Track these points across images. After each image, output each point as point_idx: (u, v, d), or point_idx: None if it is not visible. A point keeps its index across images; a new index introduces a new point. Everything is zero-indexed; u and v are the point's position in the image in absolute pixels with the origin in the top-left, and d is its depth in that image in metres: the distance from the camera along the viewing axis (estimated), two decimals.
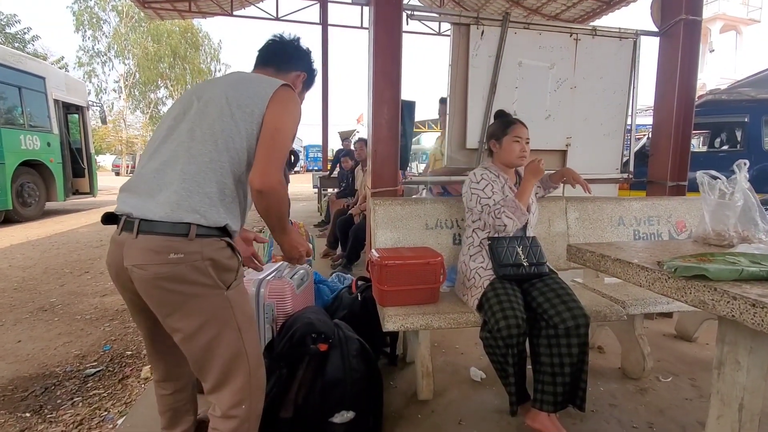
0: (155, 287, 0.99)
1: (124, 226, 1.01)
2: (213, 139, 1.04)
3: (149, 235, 0.98)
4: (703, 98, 5.07)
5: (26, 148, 7.16)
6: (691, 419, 1.68)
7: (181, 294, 0.99)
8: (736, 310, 0.88)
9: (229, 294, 1.05)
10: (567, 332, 1.47)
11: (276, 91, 1.09)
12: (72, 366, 2.18)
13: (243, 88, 1.10)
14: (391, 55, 2.30)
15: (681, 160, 2.81)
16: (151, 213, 0.98)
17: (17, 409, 1.80)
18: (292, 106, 1.11)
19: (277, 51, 1.26)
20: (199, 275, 1.00)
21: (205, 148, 1.03)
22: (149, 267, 0.97)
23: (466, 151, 2.63)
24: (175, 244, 0.97)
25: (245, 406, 1.08)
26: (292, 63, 1.26)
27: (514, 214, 1.67)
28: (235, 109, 1.06)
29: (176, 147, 1.05)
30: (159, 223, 0.98)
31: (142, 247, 0.98)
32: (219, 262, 1.02)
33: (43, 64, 8.37)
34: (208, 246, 1.00)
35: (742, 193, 1.40)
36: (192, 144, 1.04)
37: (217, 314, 1.03)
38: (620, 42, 2.75)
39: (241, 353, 1.07)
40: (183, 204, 0.99)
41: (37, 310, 2.95)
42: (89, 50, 26.33)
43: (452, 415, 1.70)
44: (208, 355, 1.05)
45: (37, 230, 6.33)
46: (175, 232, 0.98)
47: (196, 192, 1.00)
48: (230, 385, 1.07)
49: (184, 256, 0.97)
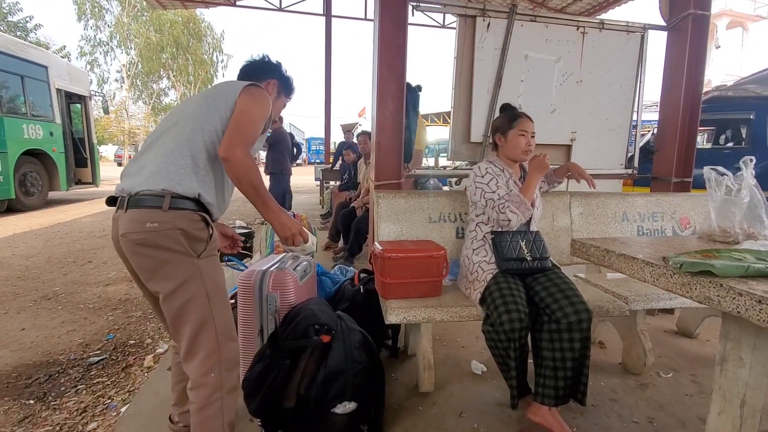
0: (134, 253, 1.13)
1: (119, 204, 1.17)
2: (190, 123, 1.22)
3: (134, 208, 1.13)
4: (708, 94, 5.04)
5: (29, 137, 7.16)
6: (692, 415, 1.69)
7: (156, 259, 1.13)
8: (741, 307, 0.88)
9: (200, 263, 1.17)
10: (569, 327, 1.47)
11: (246, 86, 1.28)
12: (75, 354, 2.20)
13: (219, 87, 1.32)
14: (396, 46, 2.28)
15: (686, 156, 2.80)
16: (137, 186, 1.14)
17: (21, 396, 1.81)
18: (259, 96, 1.28)
19: (250, 68, 1.47)
20: (171, 242, 1.12)
21: (182, 130, 1.21)
22: (130, 235, 1.12)
23: (470, 144, 2.62)
24: (151, 215, 1.11)
25: (214, 374, 1.17)
26: (262, 74, 1.45)
27: (518, 209, 1.66)
28: (211, 100, 1.25)
29: (161, 134, 1.24)
30: (142, 197, 1.12)
31: (128, 218, 1.13)
32: (189, 232, 1.14)
33: (46, 53, 8.33)
34: (181, 217, 1.13)
35: (748, 190, 1.39)
36: (172, 129, 1.22)
37: (187, 279, 1.15)
38: (628, 36, 2.72)
39: (208, 320, 1.17)
40: (161, 173, 1.14)
41: (40, 299, 2.97)
42: (91, 39, 26.20)
43: (453, 408, 1.71)
44: (179, 319, 1.16)
45: (40, 219, 6.35)
46: (152, 204, 1.11)
47: (172, 163, 1.16)
48: (199, 352, 1.17)
49: (158, 225, 1.11)
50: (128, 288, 3.26)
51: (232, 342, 1.22)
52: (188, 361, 1.18)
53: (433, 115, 18.37)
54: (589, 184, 1.88)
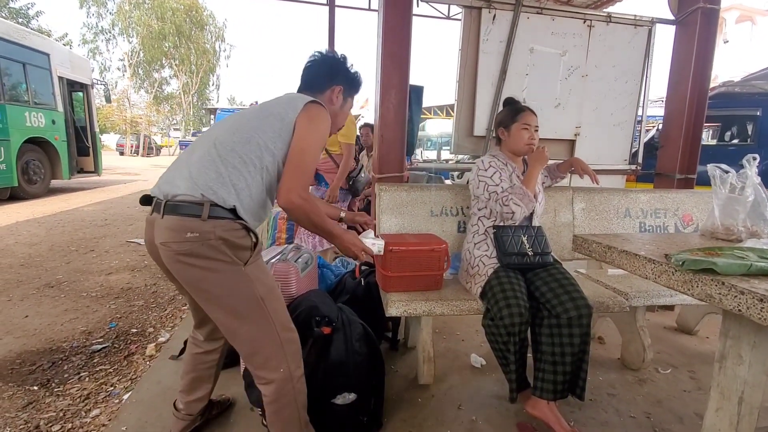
0: (177, 262, 1.10)
1: (155, 207, 1.15)
2: (239, 133, 1.17)
3: (171, 215, 1.09)
4: (715, 90, 4.98)
5: (31, 125, 7.15)
6: (689, 411, 1.70)
7: (200, 268, 1.10)
8: (743, 305, 0.88)
9: (248, 269, 1.13)
10: (569, 322, 1.48)
11: (306, 104, 1.21)
12: (78, 342, 2.22)
13: (279, 100, 1.26)
14: (400, 38, 2.26)
15: (691, 152, 2.78)
16: (175, 190, 1.11)
17: (25, 382, 1.84)
18: (318, 121, 1.21)
19: (310, 76, 1.37)
20: (215, 252, 1.09)
21: (230, 138, 1.17)
22: (171, 244, 1.09)
23: (473, 138, 2.61)
24: (191, 224, 1.08)
25: (283, 369, 1.17)
26: (325, 82, 1.36)
27: (521, 201, 1.66)
28: (267, 113, 1.20)
29: (208, 139, 1.20)
30: (179, 203, 1.09)
31: (166, 226, 1.10)
32: (231, 241, 1.10)
33: (48, 41, 8.28)
34: (221, 227, 1.09)
35: (753, 188, 1.38)
36: (221, 136, 1.18)
37: (237, 288, 1.12)
38: (635, 30, 2.69)
39: (267, 322, 1.15)
40: (200, 180, 1.11)
41: (43, 287, 2.99)
42: (93, 27, 26.05)
43: (452, 400, 1.72)
44: (233, 327, 1.15)
45: (43, 208, 6.37)
46: (191, 213, 1.08)
47: (213, 171, 1.12)
48: (262, 354, 1.16)
49: (199, 235, 1.07)
50: (130, 277, 3.28)
51: (291, 333, 1.21)
52: (252, 362, 1.18)
53: (436, 108, 18.24)
54: (593, 180, 1.87)
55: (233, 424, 1.54)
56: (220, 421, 1.54)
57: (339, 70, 1.37)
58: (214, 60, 30.88)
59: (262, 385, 1.19)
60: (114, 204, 7.05)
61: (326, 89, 1.35)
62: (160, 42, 26.88)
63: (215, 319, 1.17)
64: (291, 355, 1.19)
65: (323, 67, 1.37)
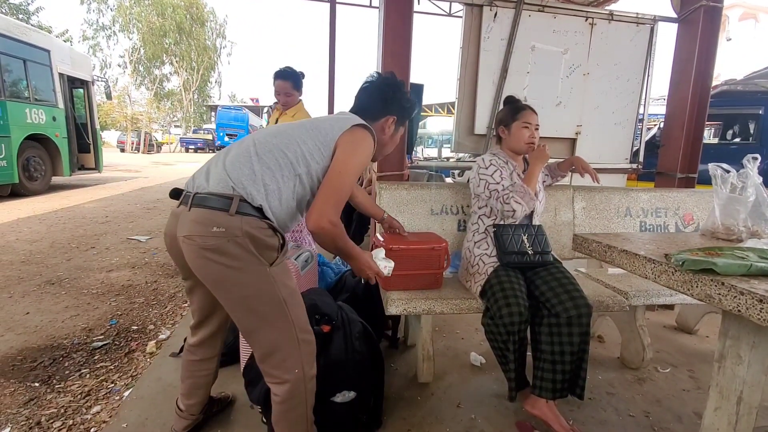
0: (200, 257, 1.07)
1: (182, 200, 1.14)
2: (280, 136, 1.18)
3: (199, 208, 1.08)
4: (717, 89, 4.97)
5: (32, 122, 7.14)
6: (688, 410, 1.70)
7: (225, 266, 1.06)
8: (742, 305, 0.88)
9: (272, 270, 1.11)
10: (569, 321, 1.48)
11: (353, 127, 1.20)
12: (79, 339, 2.23)
13: (330, 117, 1.29)
14: (401, 35, 2.25)
15: (692, 151, 2.77)
16: (206, 183, 1.11)
17: (26, 379, 1.84)
18: (363, 147, 1.20)
19: (365, 100, 1.36)
20: (241, 250, 1.06)
21: (270, 140, 1.17)
22: (195, 238, 1.06)
23: (474, 136, 2.60)
24: (218, 218, 1.06)
25: (297, 370, 1.15)
26: (380, 110, 1.34)
27: (522, 199, 1.66)
28: (313, 126, 1.21)
29: (249, 140, 1.20)
30: (208, 197, 1.08)
31: (192, 219, 1.08)
32: (259, 239, 1.08)
33: (48, 37, 8.25)
34: (248, 224, 1.07)
35: (754, 188, 1.38)
36: (262, 137, 1.19)
37: (261, 289, 1.10)
38: (637, 27, 2.68)
39: (287, 324, 1.13)
40: (232, 175, 1.10)
41: (44, 284, 2.99)
42: (93, 23, 26.00)
43: (451, 398, 1.73)
44: (253, 327, 1.13)
45: (44, 204, 6.37)
46: (219, 206, 1.06)
47: (248, 167, 1.12)
48: (279, 354, 1.14)
49: (225, 230, 1.05)
50: (131, 274, 3.29)
51: (308, 335, 1.19)
52: (267, 362, 1.15)
53: (437, 105, 18.19)
54: (593, 179, 1.87)
55: (233, 422, 1.54)
56: (220, 418, 1.55)
57: (395, 99, 1.35)
58: (215, 57, 30.83)
59: (275, 384, 1.16)
60: (115, 201, 7.05)
61: (380, 118, 1.33)
62: (161, 38, 26.84)
63: (234, 318, 1.14)
64: (306, 356, 1.17)
65: (380, 94, 1.34)
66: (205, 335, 1.37)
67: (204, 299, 1.30)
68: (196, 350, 1.38)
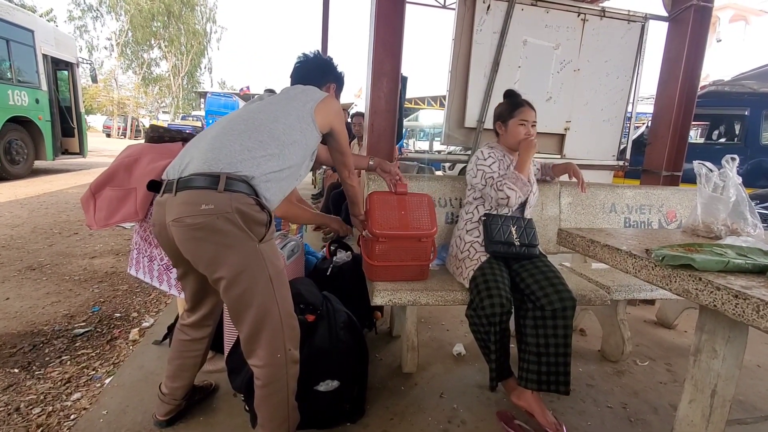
0: (190, 238, 1.08)
1: (166, 188, 1.13)
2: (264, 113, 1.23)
3: (186, 190, 1.08)
4: (705, 89, 5.03)
5: (14, 104, 6.94)
6: (664, 402, 1.75)
7: (215, 244, 1.07)
8: (718, 300, 0.89)
9: (262, 247, 1.12)
10: (554, 314, 1.50)
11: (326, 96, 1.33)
12: (60, 325, 2.19)
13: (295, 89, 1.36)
14: (393, 25, 2.22)
15: (678, 150, 2.81)
16: (188, 167, 1.11)
17: (6, 365, 1.81)
18: (338, 109, 1.38)
19: (303, 73, 1.46)
20: (231, 226, 1.07)
21: (253, 117, 1.22)
22: (186, 219, 1.06)
23: (464, 129, 2.60)
24: (206, 196, 1.06)
25: (280, 354, 1.16)
26: (322, 79, 1.47)
27: (515, 185, 1.66)
28: (289, 98, 1.30)
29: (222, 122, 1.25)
30: (193, 178, 1.08)
31: (180, 202, 1.08)
32: (248, 214, 1.09)
33: (32, 17, 7.99)
34: (237, 200, 1.08)
35: (735, 188, 1.40)
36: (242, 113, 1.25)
37: (250, 265, 1.10)
38: (628, 25, 2.69)
39: (272, 305, 1.15)
40: (220, 154, 1.11)
41: (25, 269, 2.93)
42: (80, 4, 25.25)
43: (434, 388, 1.75)
44: (242, 305, 1.13)
45: (26, 189, 6.22)
46: (206, 185, 1.07)
47: (236, 142, 1.14)
48: (265, 336, 1.15)
49: (214, 207, 1.05)
50: (114, 261, 3.24)
51: (292, 320, 1.21)
52: (252, 344, 1.16)
53: (429, 98, 18.13)
54: (581, 189, 1.90)
55: (216, 410, 1.54)
56: (203, 405, 1.55)
57: (330, 69, 1.49)
58: (204, 42, 30.21)
59: (257, 368, 1.17)
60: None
61: (322, 86, 1.44)
62: (149, 21, 26.20)
63: (225, 299, 1.14)
64: (290, 341, 1.19)
65: (317, 67, 1.47)
66: (199, 317, 1.38)
67: (196, 284, 1.30)
68: (189, 330, 1.40)
